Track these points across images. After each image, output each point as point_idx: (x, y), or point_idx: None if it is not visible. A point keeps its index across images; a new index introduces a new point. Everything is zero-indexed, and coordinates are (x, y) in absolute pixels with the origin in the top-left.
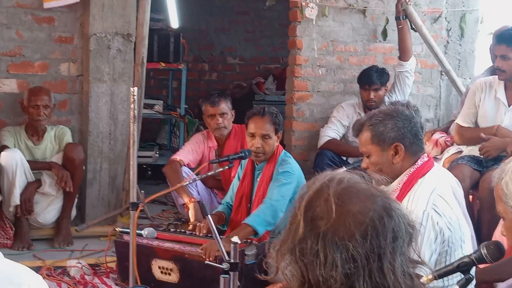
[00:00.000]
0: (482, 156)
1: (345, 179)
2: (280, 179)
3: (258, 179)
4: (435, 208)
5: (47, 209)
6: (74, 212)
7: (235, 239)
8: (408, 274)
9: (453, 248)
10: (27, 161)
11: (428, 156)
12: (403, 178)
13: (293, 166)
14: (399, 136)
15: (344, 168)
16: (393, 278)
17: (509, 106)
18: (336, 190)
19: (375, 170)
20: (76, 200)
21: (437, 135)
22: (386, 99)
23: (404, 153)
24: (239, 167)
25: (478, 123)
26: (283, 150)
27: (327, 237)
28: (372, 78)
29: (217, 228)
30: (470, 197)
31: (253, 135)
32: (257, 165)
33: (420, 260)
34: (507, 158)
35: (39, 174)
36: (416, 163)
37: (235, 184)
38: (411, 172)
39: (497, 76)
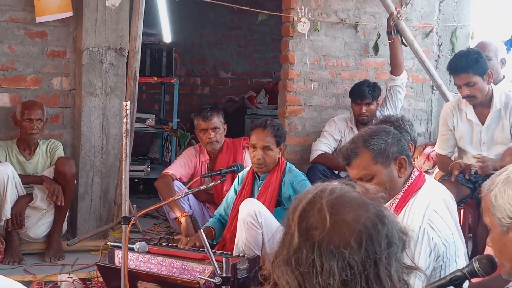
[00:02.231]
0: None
1: (337, 189)
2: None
3: (260, 189)
4: (430, 224)
5: (38, 223)
6: (65, 226)
7: None
8: (403, 280)
9: (447, 263)
10: (19, 175)
11: (418, 170)
12: (398, 194)
13: (307, 181)
14: (400, 149)
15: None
16: (390, 284)
17: (483, 125)
18: (329, 200)
19: (383, 190)
20: (67, 214)
21: (428, 149)
22: (378, 113)
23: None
24: (236, 180)
25: (458, 144)
26: (287, 161)
27: (322, 246)
28: (364, 93)
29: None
30: (461, 211)
31: (254, 147)
32: (258, 176)
33: (414, 265)
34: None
35: (31, 188)
36: (410, 178)
37: (230, 196)
38: (405, 187)
39: (460, 96)
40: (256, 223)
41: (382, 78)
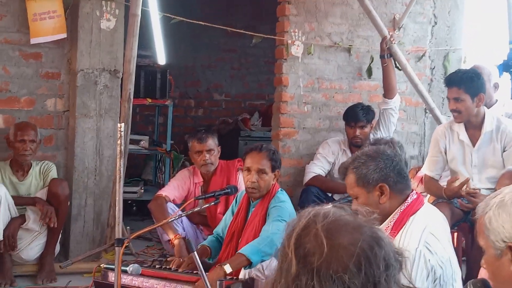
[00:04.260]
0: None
1: (330, 213)
2: (276, 215)
3: (249, 217)
4: (427, 246)
5: (31, 245)
6: (57, 248)
7: (227, 267)
8: None
9: (444, 286)
10: (11, 196)
11: (417, 193)
12: (394, 216)
13: (286, 204)
14: (382, 177)
15: (330, 205)
16: None
17: (473, 146)
18: (323, 224)
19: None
20: (60, 236)
21: (422, 173)
22: (371, 136)
23: (390, 192)
24: (234, 201)
25: (449, 166)
26: (280, 188)
27: (321, 272)
28: (358, 116)
29: (202, 261)
30: (455, 234)
31: (249, 170)
32: (252, 202)
33: (412, 285)
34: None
35: (23, 210)
36: (406, 201)
37: (227, 216)
38: (401, 210)
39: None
40: (262, 275)
41: (375, 101)
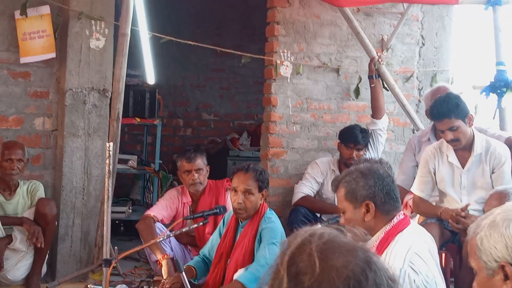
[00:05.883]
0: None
1: (326, 233)
2: (269, 237)
3: (238, 238)
4: (411, 266)
5: (17, 266)
6: (44, 269)
7: None
8: None
9: None
10: None
11: (404, 214)
12: (379, 235)
13: (277, 225)
14: (370, 195)
15: (319, 225)
16: None
17: (463, 168)
18: (318, 244)
19: (350, 226)
20: (47, 256)
21: (407, 197)
22: None
23: (375, 211)
24: (222, 222)
25: (438, 187)
26: (268, 208)
27: None
28: (357, 138)
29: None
30: (443, 255)
31: (235, 190)
32: (241, 222)
33: None
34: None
35: (10, 230)
36: (392, 221)
37: (214, 238)
38: (387, 230)
39: (442, 140)
40: None
41: (364, 121)
